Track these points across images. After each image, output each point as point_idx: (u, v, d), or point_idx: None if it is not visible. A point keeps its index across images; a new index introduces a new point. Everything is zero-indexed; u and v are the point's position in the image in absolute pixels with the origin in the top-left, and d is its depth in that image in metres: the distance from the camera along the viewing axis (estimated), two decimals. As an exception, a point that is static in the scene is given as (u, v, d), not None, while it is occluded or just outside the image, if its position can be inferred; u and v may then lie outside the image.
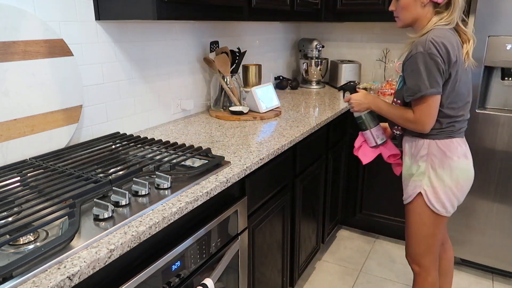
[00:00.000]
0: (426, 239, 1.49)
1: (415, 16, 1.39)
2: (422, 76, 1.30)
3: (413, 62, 1.32)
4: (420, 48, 1.30)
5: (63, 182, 1.06)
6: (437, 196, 1.41)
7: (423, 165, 1.42)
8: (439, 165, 1.39)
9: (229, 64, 2.03)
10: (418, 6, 1.36)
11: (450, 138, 1.40)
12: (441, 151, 1.39)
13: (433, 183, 1.41)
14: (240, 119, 1.93)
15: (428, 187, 1.41)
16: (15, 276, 0.71)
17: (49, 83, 1.32)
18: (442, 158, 1.39)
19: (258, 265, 1.54)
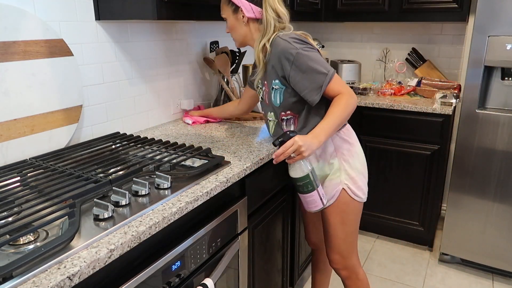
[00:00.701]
0: (352, 235, 1.47)
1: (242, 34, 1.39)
2: (315, 68, 1.27)
3: (298, 65, 1.27)
4: (292, 51, 1.26)
5: (63, 182, 1.06)
6: (357, 185, 1.40)
7: (335, 161, 1.39)
8: (348, 155, 1.39)
9: (229, 64, 2.03)
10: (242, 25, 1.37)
11: (345, 126, 1.41)
12: (345, 141, 1.39)
13: (350, 174, 1.39)
14: (240, 119, 1.93)
15: (348, 180, 1.39)
16: (15, 276, 0.71)
17: (49, 83, 1.32)
18: (349, 148, 1.39)
19: (258, 265, 1.54)
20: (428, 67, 2.72)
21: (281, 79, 1.35)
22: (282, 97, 1.38)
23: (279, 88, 1.37)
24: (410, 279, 2.23)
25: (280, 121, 1.44)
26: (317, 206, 1.33)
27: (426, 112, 2.27)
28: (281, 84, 1.36)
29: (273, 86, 1.39)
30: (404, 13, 2.46)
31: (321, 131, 1.25)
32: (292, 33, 1.32)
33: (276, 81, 1.37)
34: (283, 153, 1.21)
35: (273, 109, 1.44)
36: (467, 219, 2.21)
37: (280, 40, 1.30)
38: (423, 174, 2.37)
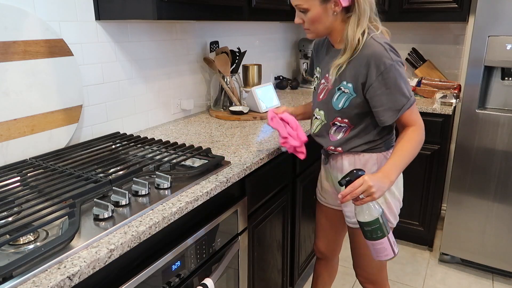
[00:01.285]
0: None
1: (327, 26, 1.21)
2: (401, 88, 1.16)
3: (386, 78, 1.15)
4: (386, 61, 1.14)
5: (63, 182, 1.06)
6: (392, 211, 1.32)
7: None
8: None
9: (229, 64, 2.03)
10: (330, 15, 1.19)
11: (392, 147, 1.31)
12: None
13: (387, 200, 1.29)
14: (240, 119, 1.93)
15: (384, 205, 1.29)
16: (15, 276, 0.71)
17: (49, 83, 1.32)
18: None
19: (258, 265, 1.54)
20: (428, 67, 2.72)
21: (357, 85, 1.20)
22: (347, 103, 1.24)
23: (349, 93, 1.22)
24: (410, 279, 2.23)
25: (330, 125, 1.31)
26: (387, 255, 1.17)
27: (426, 112, 2.27)
28: (353, 89, 1.21)
29: (341, 87, 1.23)
30: (404, 13, 2.46)
31: (392, 169, 1.14)
32: (385, 38, 1.19)
33: (349, 84, 1.21)
34: (350, 193, 1.09)
35: (328, 109, 1.30)
36: (467, 219, 2.21)
37: (374, 42, 1.15)
38: (423, 174, 2.37)
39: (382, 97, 1.17)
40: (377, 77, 1.15)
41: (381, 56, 1.14)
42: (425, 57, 2.76)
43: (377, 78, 1.15)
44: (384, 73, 1.14)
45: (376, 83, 1.16)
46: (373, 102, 1.19)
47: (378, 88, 1.16)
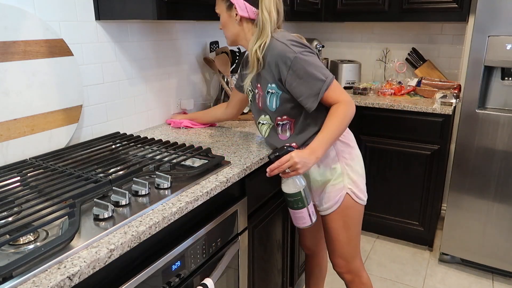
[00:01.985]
0: (355, 238, 1.45)
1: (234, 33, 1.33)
2: (312, 74, 1.22)
3: (295, 70, 1.22)
4: (290, 55, 1.22)
5: (63, 182, 1.06)
6: (360, 188, 1.39)
7: (337, 166, 1.35)
8: (350, 158, 1.37)
9: (229, 64, 2.03)
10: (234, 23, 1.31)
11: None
12: (346, 144, 1.37)
13: (353, 178, 1.37)
14: (240, 119, 1.93)
15: (351, 184, 1.37)
16: (15, 276, 0.71)
17: (49, 83, 1.32)
18: (350, 151, 1.37)
19: (258, 265, 1.54)
20: (428, 67, 2.72)
21: (278, 83, 1.30)
22: (278, 101, 1.33)
23: (275, 92, 1.32)
24: (410, 279, 2.23)
25: (276, 126, 1.40)
26: (305, 223, 1.31)
27: (426, 112, 2.27)
28: (277, 88, 1.31)
29: (269, 90, 1.33)
30: (404, 13, 2.46)
31: (319, 145, 1.22)
32: (288, 35, 1.27)
33: (273, 85, 1.31)
34: (277, 167, 1.21)
35: (268, 113, 1.39)
36: (467, 219, 2.21)
37: (277, 43, 1.25)
38: (423, 174, 2.37)
39: (300, 87, 1.25)
40: (288, 71, 1.24)
41: (284, 53, 1.23)
42: (425, 57, 2.76)
43: (288, 72, 1.24)
44: (292, 66, 1.23)
45: (289, 77, 1.25)
46: (295, 94, 1.28)
47: (293, 81, 1.25)
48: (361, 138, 2.48)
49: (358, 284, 1.50)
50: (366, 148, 2.49)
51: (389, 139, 2.42)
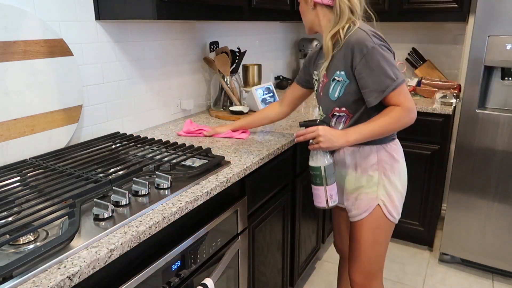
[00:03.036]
0: (381, 255, 1.37)
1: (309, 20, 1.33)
2: (385, 69, 1.18)
3: (369, 60, 1.19)
4: (368, 43, 1.19)
5: (63, 182, 1.06)
6: (394, 204, 1.31)
7: (375, 174, 1.30)
8: (390, 171, 1.30)
9: (229, 64, 2.02)
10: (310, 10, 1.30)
11: (393, 140, 1.33)
12: (390, 156, 1.30)
13: (388, 191, 1.30)
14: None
15: (385, 197, 1.30)
16: (15, 276, 0.71)
17: (49, 83, 1.32)
18: (392, 163, 1.30)
19: (258, 265, 1.54)
20: (428, 67, 2.72)
21: (348, 71, 1.24)
22: (342, 91, 1.27)
23: (342, 81, 1.26)
24: (410, 279, 2.23)
25: (330, 117, 1.34)
26: (320, 203, 1.31)
27: (426, 112, 2.27)
28: (345, 76, 1.25)
29: (335, 77, 1.27)
30: (404, 13, 2.46)
31: (354, 132, 1.21)
32: (371, 28, 1.25)
33: (342, 72, 1.25)
34: (302, 135, 1.25)
35: (326, 102, 1.33)
36: (467, 219, 2.21)
37: (359, 30, 1.22)
38: (423, 174, 2.37)
39: (367, 79, 1.20)
40: (361, 60, 1.20)
41: (363, 40, 1.19)
42: (425, 57, 2.76)
43: (361, 61, 1.20)
44: (366, 55, 1.19)
45: (360, 66, 1.20)
46: (360, 84, 1.23)
47: (363, 70, 1.20)
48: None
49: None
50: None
51: (389, 139, 2.42)
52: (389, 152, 1.31)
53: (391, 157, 1.30)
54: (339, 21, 1.24)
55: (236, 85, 2.11)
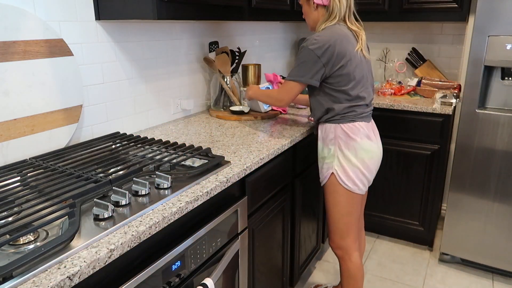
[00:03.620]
0: (344, 217, 1.60)
1: (313, 19, 1.58)
2: (296, 65, 1.49)
3: (299, 54, 1.49)
4: (306, 42, 1.47)
5: (63, 182, 1.06)
6: (347, 174, 1.53)
7: (332, 147, 1.55)
8: (345, 146, 1.52)
9: (229, 64, 2.03)
10: (312, 10, 1.56)
11: (352, 122, 1.53)
12: (345, 133, 1.52)
13: (342, 163, 1.53)
14: (241, 119, 1.93)
15: (338, 167, 1.54)
16: (15, 276, 0.71)
17: (49, 83, 1.32)
18: (347, 140, 1.52)
19: (258, 265, 1.54)
20: (428, 67, 2.72)
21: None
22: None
23: None
24: (410, 279, 2.23)
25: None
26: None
27: (426, 112, 2.27)
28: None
29: None
30: (404, 13, 2.46)
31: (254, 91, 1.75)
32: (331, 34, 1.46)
33: None
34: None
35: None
36: (467, 219, 2.21)
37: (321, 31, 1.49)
38: (423, 174, 2.37)
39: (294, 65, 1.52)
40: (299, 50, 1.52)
41: (307, 39, 1.48)
42: (425, 57, 2.76)
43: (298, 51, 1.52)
44: (300, 48, 1.50)
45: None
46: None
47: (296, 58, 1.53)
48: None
49: (347, 261, 1.65)
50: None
51: (389, 139, 2.42)
52: (344, 130, 1.53)
53: (346, 136, 1.53)
54: (329, 17, 1.52)
55: (236, 84, 2.11)
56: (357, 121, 1.54)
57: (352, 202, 1.58)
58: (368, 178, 1.57)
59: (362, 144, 1.52)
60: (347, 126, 1.53)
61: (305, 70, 1.47)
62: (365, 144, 1.53)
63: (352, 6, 1.56)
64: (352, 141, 1.52)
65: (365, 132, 1.54)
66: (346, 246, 1.63)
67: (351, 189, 1.55)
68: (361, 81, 1.53)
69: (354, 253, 1.65)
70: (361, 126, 1.54)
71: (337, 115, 1.53)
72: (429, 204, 2.40)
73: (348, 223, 1.60)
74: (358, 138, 1.52)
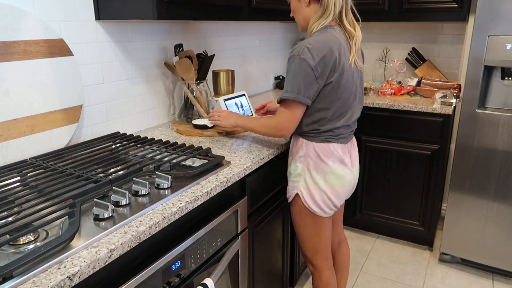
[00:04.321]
0: (311, 238, 1.48)
1: (304, 17, 1.38)
2: (289, 80, 1.29)
3: (289, 65, 1.30)
4: (296, 51, 1.28)
5: (63, 182, 1.06)
6: (313, 198, 1.40)
7: (300, 166, 1.40)
8: (314, 168, 1.38)
9: (193, 69, 1.75)
10: (303, 7, 1.36)
11: (327, 143, 1.37)
12: (317, 156, 1.37)
13: (308, 184, 1.39)
14: (203, 134, 1.66)
15: (304, 188, 1.40)
16: (15, 276, 0.71)
17: (49, 83, 1.32)
18: (318, 163, 1.37)
19: (258, 265, 1.54)
20: (428, 67, 2.72)
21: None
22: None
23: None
24: (410, 278, 2.23)
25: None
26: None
27: (426, 112, 2.27)
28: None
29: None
30: (404, 13, 2.46)
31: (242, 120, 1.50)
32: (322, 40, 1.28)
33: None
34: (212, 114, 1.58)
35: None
36: (467, 219, 2.21)
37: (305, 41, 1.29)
38: (423, 174, 2.37)
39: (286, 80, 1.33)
40: (288, 60, 1.32)
41: (295, 48, 1.30)
42: (425, 57, 2.76)
43: (288, 62, 1.32)
44: (290, 58, 1.30)
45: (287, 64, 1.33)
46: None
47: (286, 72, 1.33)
48: (361, 138, 2.48)
49: (317, 279, 1.56)
50: (366, 148, 2.49)
51: (389, 139, 2.42)
52: (316, 151, 1.37)
53: (318, 158, 1.37)
54: (324, 14, 1.32)
55: (204, 94, 1.84)
56: (333, 142, 1.37)
57: (319, 224, 1.45)
58: (335, 203, 1.42)
59: (333, 169, 1.37)
60: (319, 146, 1.37)
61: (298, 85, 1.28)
62: (336, 169, 1.38)
63: (350, 0, 1.36)
64: (322, 164, 1.37)
65: (339, 156, 1.38)
66: (316, 264, 1.53)
67: (316, 212, 1.42)
68: (348, 99, 1.36)
69: (325, 271, 1.54)
70: (335, 148, 1.38)
71: (314, 132, 1.37)
72: (429, 204, 2.40)
73: (316, 242, 1.49)
74: (330, 162, 1.37)
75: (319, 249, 1.51)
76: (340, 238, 1.73)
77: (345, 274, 1.78)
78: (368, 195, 2.58)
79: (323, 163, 1.37)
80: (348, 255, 1.77)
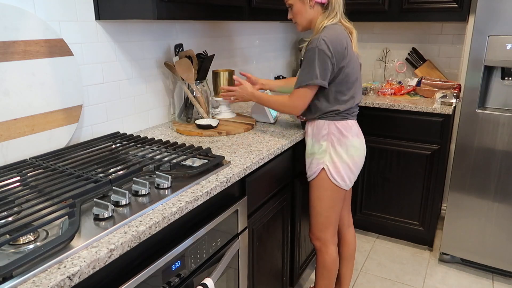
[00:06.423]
0: (326, 211, 1.63)
1: (307, 18, 1.55)
2: (311, 67, 1.46)
3: (307, 56, 1.47)
4: (313, 44, 1.45)
5: (63, 182, 1.06)
6: (338, 170, 1.57)
7: (324, 143, 1.57)
8: (337, 143, 1.56)
9: (192, 69, 1.76)
10: (308, 9, 1.53)
11: (346, 120, 1.57)
12: (339, 131, 1.55)
13: (333, 159, 1.56)
14: (203, 134, 1.66)
15: (330, 163, 1.57)
16: (15, 275, 0.71)
17: (49, 83, 1.32)
18: (340, 137, 1.55)
19: (258, 265, 1.54)
20: (428, 67, 2.72)
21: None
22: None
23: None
24: (410, 279, 2.23)
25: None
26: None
27: (426, 112, 2.27)
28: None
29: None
30: (404, 13, 2.46)
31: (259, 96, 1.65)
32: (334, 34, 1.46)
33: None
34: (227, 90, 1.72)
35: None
36: (467, 219, 2.21)
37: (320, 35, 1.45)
38: (423, 174, 2.37)
39: (301, 70, 1.50)
40: (304, 54, 1.50)
41: (312, 41, 1.47)
42: (425, 57, 2.76)
43: (304, 54, 1.50)
44: (307, 50, 1.48)
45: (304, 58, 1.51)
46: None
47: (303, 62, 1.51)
48: (361, 138, 2.48)
49: (324, 253, 1.69)
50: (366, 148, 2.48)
51: (389, 139, 2.42)
52: (338, 127, 1.56)
53: (339, 132, 1.56)
54: (331, 13, 1.51)
55: (204, 94, 1.84)
56: (350, 119, 1.58)
57: (336, 197, 1.61)
58: (355, 174, 1.62)
59: (353, 142, 1.57)
60: (340, 123, 1.56)
61: (316, 71, 1.46)
62: (355, 142, 1.58)
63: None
64: (344, 138, 1.55)
65: (356, 130, 1.59)
66: (325, 238, 1.67)
67: (339, 184, 1.58)
68: (355, 82, 1.56)
69: (332, 246, 1.69)
70: (353, 124, 1.59)
71: (332, 112, 1.55)
72: (429, 204, 2.40)
73: (329, 217, 1.64)
74: (350, 136, 1.56)
75: (330, 223, 1.65)
76: (349, 220, 1.87)
77: (351, 262, 1.89)
78: (368, 195, 2.58)
79: (345, 137, 1.56)
80: (354, 244, 1.89)
